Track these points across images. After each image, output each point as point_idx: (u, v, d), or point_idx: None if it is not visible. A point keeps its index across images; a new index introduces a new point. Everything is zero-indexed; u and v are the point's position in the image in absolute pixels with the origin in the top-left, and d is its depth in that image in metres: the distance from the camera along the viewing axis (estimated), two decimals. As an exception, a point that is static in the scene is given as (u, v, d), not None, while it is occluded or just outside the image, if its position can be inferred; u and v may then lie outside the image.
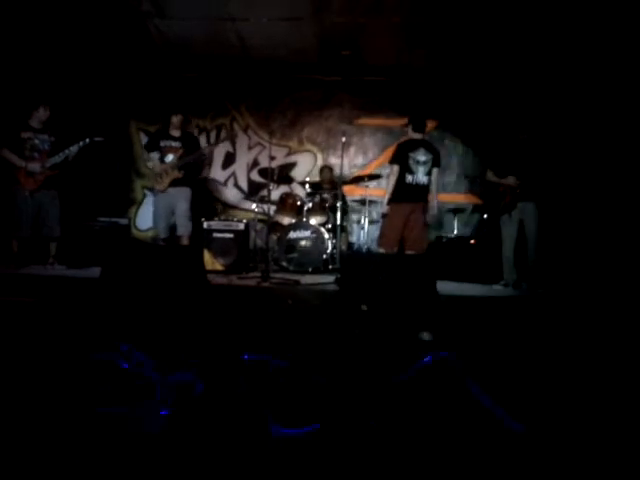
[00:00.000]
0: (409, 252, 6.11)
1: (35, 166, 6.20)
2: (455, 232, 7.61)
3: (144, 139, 8.24)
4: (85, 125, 7.03)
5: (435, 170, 6.22)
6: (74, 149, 6.34)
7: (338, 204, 6.83)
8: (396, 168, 6.17)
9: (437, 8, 6.25)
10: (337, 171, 7.43)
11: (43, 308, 4.28)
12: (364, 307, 3.96)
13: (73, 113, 7.61)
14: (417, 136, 6.25)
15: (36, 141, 6.30)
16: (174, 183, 6.53)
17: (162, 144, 6.64)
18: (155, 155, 6.65)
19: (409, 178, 6.12)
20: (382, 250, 6.30)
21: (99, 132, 6.61)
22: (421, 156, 6.14)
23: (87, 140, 6.38)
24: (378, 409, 2.30)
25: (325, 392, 2.49)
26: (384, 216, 6.45)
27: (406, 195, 6.14)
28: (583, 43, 6.68)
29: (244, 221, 7.09)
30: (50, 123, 6.43)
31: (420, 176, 6.13)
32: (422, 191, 6.17)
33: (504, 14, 6.24)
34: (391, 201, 6.23)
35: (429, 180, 6.18)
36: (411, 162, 6.12)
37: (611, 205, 7.05)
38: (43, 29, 6.93)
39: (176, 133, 6.71)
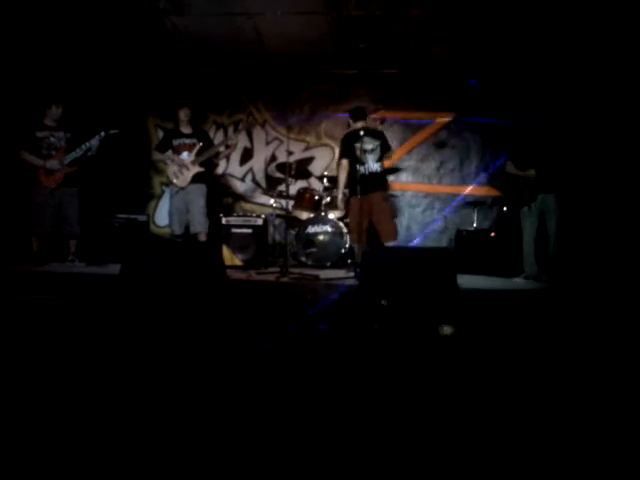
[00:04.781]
0: (386, 243, 6.08)
1: (54, 164, 6.26)
2: (475, 225, 7.55)
3: (161, 136, 8.25)
4: (103, 122, 7.04)
5: (390, 153, 6.34)
6: (94, 142, 6.38)
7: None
8: (345, 162, 6.16)
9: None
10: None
11: (64, 305, 4.31)
12: (384, 302, 3.93)
13: (91, 111, 7.68)
14: (359, 125, 6.23)
15: (52, 139, 6.36)
16: (192, 179, 6.54)
17: (175, 143, 6.63)
18: (169, 154, 6.65)
19: (361, 169, 6.10)
20: (354, 245, 6.30)
21: (116, 127, 6.63)
22: (367, 144, 6.10)
23: (103, 133, 6.42)
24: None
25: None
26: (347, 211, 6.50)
27: (362, 187, 6.06)
28: (602, 35, 6.60)
29: (262, 216, 7.11)
30: (65, 120, 6.49)
31: (371, 164, 6.12)
32: (377, 179, 6.16)
33: (523, 4, 6.15)
34: (350, 195, 6.23)
35: (381, 166, 6.19)
36: (359, 153, 6.08)
37: (632, 197, 6.96)
38: (60, 27, 6.96)
39: (187, 130, 6.70)
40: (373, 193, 6.10)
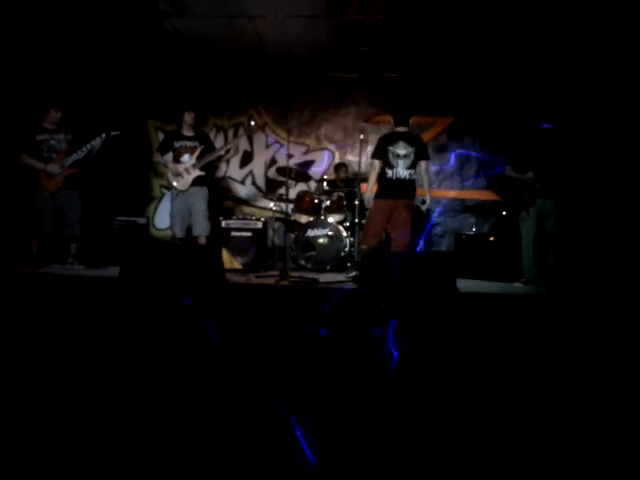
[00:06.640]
0: (393, 249, 6.06)
1: (55, 167, 6.25)
2: (474, 229, 7.55)
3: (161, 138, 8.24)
4: (103, 124, 7.01)
5: (423, 163, 6.10)
6: (96, 143, 6.37)
7: (356, 202, 6.78)
8: (377, 163, 6.07)
9: (458, 3, 6.18)
10: (355, 168, 7.39)
11: (63, 308, 4.31)
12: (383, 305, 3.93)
13: (90, 113, 7.66)
14: (399, 129, 6.15)
15: (52, 142, 6.35)
16: (193, 182, 6.53)
17: (176, 145, 6.61)
18: (169, 156, 6.64)
19: (389, 173, 6.02)
20: (363, 246, 6.24)
21: (116, 130, 6.61)
22: (401, 149, 6.01)
23: (104, 135, 6.41)
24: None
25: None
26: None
27: (387, 191, 6.04)
28: (605, 42, 6.61)
29: (262, 220, 7.11)
30: (65, 122, 6.48)
31: (400, 170, 6.00)
32: (404, 186, 6.05)
33: (525, 8, 6.16)
34: (374, 197, 6.16)
35: (411, 174, 6.05)
36: (390, 156, 6.01)
37: (632, 202, 6.96)
38: (60, 30, 6.96)
39: (189, 132, 6.67)
40: (398, 199, 6.03)
